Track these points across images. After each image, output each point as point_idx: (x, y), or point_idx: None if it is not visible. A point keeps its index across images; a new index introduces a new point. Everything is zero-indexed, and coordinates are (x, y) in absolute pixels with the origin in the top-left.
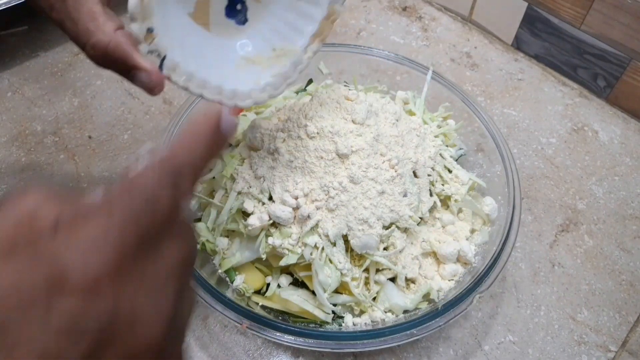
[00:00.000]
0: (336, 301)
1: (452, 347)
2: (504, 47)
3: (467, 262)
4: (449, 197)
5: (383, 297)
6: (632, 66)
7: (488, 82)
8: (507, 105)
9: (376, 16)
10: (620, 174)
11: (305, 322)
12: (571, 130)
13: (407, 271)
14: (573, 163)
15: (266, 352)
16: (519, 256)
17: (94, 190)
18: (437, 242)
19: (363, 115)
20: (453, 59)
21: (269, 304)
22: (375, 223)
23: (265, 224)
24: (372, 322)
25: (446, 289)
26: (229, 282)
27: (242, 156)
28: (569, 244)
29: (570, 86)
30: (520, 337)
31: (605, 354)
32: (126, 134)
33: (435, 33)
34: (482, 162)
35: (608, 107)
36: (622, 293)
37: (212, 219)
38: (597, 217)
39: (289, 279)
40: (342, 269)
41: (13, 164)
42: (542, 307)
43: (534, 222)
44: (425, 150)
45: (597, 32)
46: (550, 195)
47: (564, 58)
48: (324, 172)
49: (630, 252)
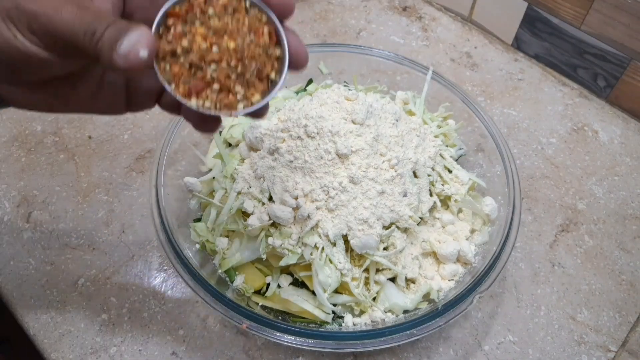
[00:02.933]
0: (336, 301)
1: (452, 347)
2: (504, 47)
3: (467, 262)
4: (449, 197)
5: (383, 297)
6: (632, 66)
7: (488, 82)
8: (507, 105)
9: (376, 16)
10: (620, 174)
11: (305, 322)
12: (571, 130)
13: (407, 271)
14: (573, 163)
15: (266, 352)
16: (519, 256)
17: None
18: (437, 242)
19: (363, 116)
20: (453, 59)
21: (269, 304)
22: (375, 223)
23: (265, 224)
24: (372, 322)
25: (446, 289)
26: (229, 282)
27: (242, 156)
28: (569, 244)
29: (570, 86)
30: (520, 337)
31: (605, 354)
32: (126, 134)
33: (435, 33)
34: (482, 162)
35: (608, 107)
36: (622, 293)
37: (212, 219)
38: (597, 217)
39: (289, 279)
40: (342, 269)
41: (13, 163)
42: (542, 307)
43: (534, 222)
44: (425, 150)
45: (597, 32)
46: (550, 195)
47: (564, 58)
48: (324, 172)
49: (630, 252)
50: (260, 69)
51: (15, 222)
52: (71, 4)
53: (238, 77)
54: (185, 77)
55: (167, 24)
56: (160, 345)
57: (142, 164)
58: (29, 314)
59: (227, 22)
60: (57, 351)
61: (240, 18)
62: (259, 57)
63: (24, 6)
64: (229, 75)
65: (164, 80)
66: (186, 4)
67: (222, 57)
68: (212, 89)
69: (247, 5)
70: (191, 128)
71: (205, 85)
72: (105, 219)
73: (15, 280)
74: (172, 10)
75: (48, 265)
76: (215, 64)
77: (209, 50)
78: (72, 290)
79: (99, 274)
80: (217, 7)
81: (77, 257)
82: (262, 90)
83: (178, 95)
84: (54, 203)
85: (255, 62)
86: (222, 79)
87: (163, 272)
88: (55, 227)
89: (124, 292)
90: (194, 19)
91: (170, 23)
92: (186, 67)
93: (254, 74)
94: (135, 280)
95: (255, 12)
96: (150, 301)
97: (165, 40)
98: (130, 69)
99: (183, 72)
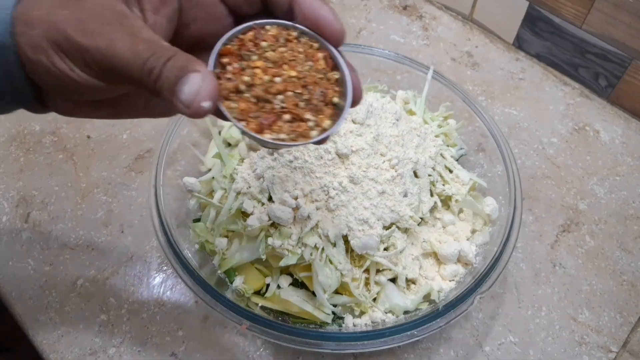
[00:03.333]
0: (336, 302)
1: (453, 348)
2: (505, 46)
3: (468, 262)
4: (450, 197)
5: (383, 298)
6: (633, 66)
7: (489, 81)
8: (508, 105)
9: (376, 15)
10: (621, 174)
11: (305, 323)
12: (572, 130)
13: (408, 272)
14: (574, 163)
15: (266, 353)
16: (520, 257)
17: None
18: (438, 242)
19: (363, 115)
20: (454, 58)
21: (268, 305)
22: (376, 223)
23: (264, 225)
24: (373, 322)
25: (447, 290)
26: (228, 283)
27: (241, 156)
28: (570, 245)
29: (572, 86)
30: (521, 338)
31: (606, 354)
32: (125, 133)
33: (436, 32)
34: (483, 162)
35: (609, 107)
36: (623, 293)
37: (211, 219)
38: (599, 217)
39: (288, 279)
40: (342, 269)
41: (11, 163)
42: (543, 308)
43: (535, 222)
44: (425, 150)
45: (598, 31)
46: (552, 195)
47: (565, 57)
48: (323, 172)
49: (632, 253)
50: (324, 93)
51: (14, 222)
52: (123, 34)
53: (306, 104)
54: (254, 111)
55: (221, 62)
56: (160, 346)
57: (141, 164)
58: (27, 314)
59: (283, 52)
60: (55, 352)
61: (294, 47)
62: (321, 82)
63: (75, 39)
64: (297, 104)
65: (234, 119)
66: (236, 41)
67: (287, 87)
68: (284, 119)
69: (296, 34)
70: (191, 128)
71: (276, 117)
72: (104, 219)
73: (14, 280)
74: (224, 49)
75: (47, 265)
76: (281, 94)
77: (272, 81)
78: (71, 291)
79: (98, 275)
80: (269, 39)
81: (75, 258)
82: (329, 114)
83: (252, 132)
84: (53, 203)
85: (319, 88)
86: (291, 108)
87: (162, 272)
88: (54, 228)
89: (123, 292)
90: (249, 54)
91: (225, 61)
92: (253, 101)
93: (320, 99)
94: (135, 281)
95: (305, 40)
96: (150, 302)
97: (225, 79)
98: (194, 117)
99: (251, 107)
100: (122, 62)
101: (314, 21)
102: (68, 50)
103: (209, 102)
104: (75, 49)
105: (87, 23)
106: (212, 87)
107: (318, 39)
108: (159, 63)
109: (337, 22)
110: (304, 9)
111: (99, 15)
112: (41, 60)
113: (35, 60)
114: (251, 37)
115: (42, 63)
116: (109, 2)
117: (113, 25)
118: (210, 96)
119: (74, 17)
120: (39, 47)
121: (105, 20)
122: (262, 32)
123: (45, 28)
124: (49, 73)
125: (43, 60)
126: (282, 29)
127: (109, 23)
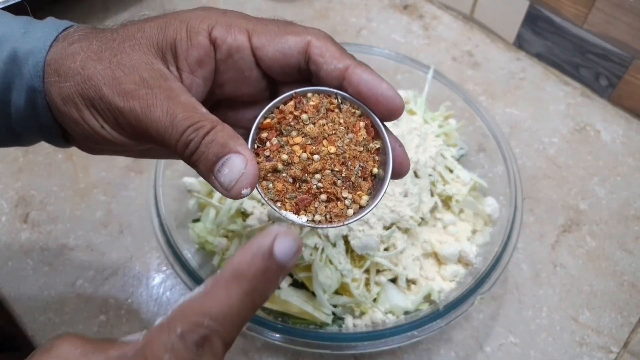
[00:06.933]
0: (336, 302)
1: (453, 348)
2: (506, 46)
3: (469, 263)
4: (450, 198)
5: (384, 298)
6: (634, 65)
7: (490, 81)
8: (509, 105)
9: (377, 14)
10: (622, 174)
11: (305, 324)
12: (573, 130)
13: (408, 272)
14: (575, 163)
15: (265, 353)
16: (520, 257)
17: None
18: (438, 242)
19: None
20: (454, 58)
21: (268, 305)
22: (376, 223)
23: (264, 225)
24: (373, 323)
25: (447, 290)
26: None
27: None
28: (571, 245)
29: (573, 85)
30: (521, 339)
31: (607, 355)
32: None
33: (437, 32)
34: (484, 162)
35: (610, 107)
36: (624, 294)
37: (211, 219)
38: (599, 217)
39: (288, 279)
40: (342, 269)
41: (10, 163)
42: (544, 308)
43: (535, 222)
44: (426, 150)
45: (599, 31)
46: (552, 195)
47: (566, 57)
48: None
49: (632, 253)
50: (363, 168)
51: (13, 222)
52: (161, 99)
53: (343, 182)
54: (290, 192)
55: (260, 136)
56: None
57: (140, 164)
58: (27, 314)
59: (323, 124)
60: None
61: (335, 117)
62: (360, 156)
63: (109, 99)
64: (334, 182)
65: (269, 202)
66: (277, 112)
67: (325, 165)
68: (320, 199)
69: (338, 101)
70: None
71: (312, 197)
72: (103, 220)
73: (13, 281)
74: (264, 123)
75: (46, 265)
76: (319, 172)
77: (310, 159)
78: (70, 291)
79: (97, 275)
80: (309, 110)
81: (75, 258)
82: (367, 188)
83: (288, 214)
84: (52, 203)
85: (358, 162)
86: (328, 187)
87: (162, 272)
88: (53, 228)
89: (123, 293)
90: (289, 129)
91: (264, 136)
92: (290, 181)
93: (359, 174)
94: (134, 281)
95: (347, 107)
96: (149, 302)
97: (263, 156)
98: (230, 198)
99: (287, 187)
100: (159, 129)
101: (374, 99)
102: (101, 108)
103: (249, 189)
104: (109, 109)
105: (124, 83)
106: (253, 174)
107: (360, 106)
108: (197, 136)
109: (398, 97)
110: (361, 86)
111: (136, 74)
112: (71, 113)
113: (65, 111)
114: (291, 109)
115: (72, 115)
116: (147, 59)
117: (151, 87)
118: (251, 183)
119: (110, 74)
120: (70, 100)
121: (142, 81)
122: (304, 100)
123: (78, 82)
124: (78, 125)
125: (73, 113)
126: (324, 97)
127: (147, 85)
